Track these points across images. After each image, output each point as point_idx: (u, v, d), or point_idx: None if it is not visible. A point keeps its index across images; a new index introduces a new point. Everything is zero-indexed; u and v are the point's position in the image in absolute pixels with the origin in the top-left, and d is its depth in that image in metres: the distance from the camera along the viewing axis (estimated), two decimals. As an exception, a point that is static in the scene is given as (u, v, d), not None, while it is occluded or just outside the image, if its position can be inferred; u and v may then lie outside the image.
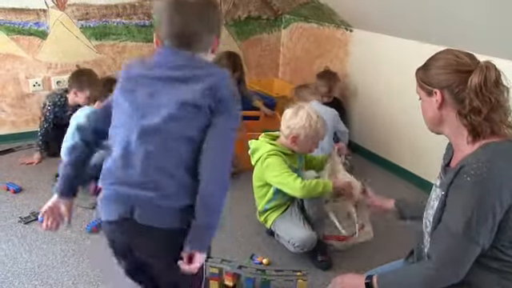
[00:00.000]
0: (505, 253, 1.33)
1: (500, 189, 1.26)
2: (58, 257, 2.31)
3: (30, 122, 3.68)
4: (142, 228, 1.33)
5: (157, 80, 1.36)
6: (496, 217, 1.27)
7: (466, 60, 1.37)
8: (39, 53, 3.53)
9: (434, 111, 1.43)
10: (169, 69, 1.36)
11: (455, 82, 1.36)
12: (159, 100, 1.33)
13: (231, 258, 2.25)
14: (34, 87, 3.59)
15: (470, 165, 1.29)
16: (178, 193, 1.32)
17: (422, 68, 1.47)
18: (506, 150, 1.33)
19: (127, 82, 1.41)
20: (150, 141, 1.32)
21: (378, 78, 3.45)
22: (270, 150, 2.27)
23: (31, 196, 2.86)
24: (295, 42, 4.36)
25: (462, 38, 2.63)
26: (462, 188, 1.30)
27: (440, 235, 1.37)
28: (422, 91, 1.46)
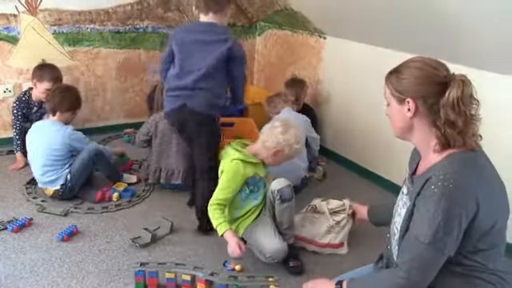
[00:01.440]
0: (468, 258, 1.37)
1: (466, 200, 1.30)
2: (27, 267, 2.27)
3: (0, 129, 3.62)
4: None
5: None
6: (462, 226, 1.31)
7: (442, 71, 1.40)
8: (10, 58, 3.47)
9: (405, 120, 1.45)
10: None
11: (431, 93, 1.38)
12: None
13: (204, 265, 2.25)
14: (4, 93, 3.53)
15: (436, 176, 1.32)
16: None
17: (395, 75, 1.48)
18: (472, 160, 1.36)
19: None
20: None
21: (350, 85, 3.50)
22: (234, 158, 2.28)
23: (0, 204, 2.80)
24: (269, 48, 4.39)
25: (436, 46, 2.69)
26: (429, 199, 1.32)
27: (408, 244, 1.40)
28: (392, 98, 1.48)
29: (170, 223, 2.60)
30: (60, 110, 2.87)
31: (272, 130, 2.32)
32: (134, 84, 4.02)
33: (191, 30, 2.68)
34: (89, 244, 2.47)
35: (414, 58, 1.49)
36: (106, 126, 4.00)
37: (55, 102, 2.88)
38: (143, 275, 2.10)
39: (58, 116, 2.88)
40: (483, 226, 1.33)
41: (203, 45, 2.52)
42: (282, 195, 2.32)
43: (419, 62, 1.44)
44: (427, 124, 1.41)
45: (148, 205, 2.92)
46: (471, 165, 1.35)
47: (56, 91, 2.93)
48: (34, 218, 2.66)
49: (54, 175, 2.81)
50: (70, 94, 2.92)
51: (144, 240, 2.47)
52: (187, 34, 2.59)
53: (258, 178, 2.35)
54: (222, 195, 2.26)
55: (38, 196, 2.91)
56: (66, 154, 2.86)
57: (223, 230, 2.19)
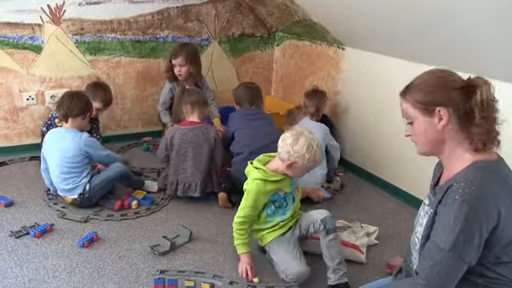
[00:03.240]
0: (490, 269, 1.36)
1: (487, 208, 1.29)
2: (50, 271, 2.30)
3: (23, 136, 3.69)
4: None
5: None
6: (482, 235, 1.30)
7: (459, 77, 1.43)
8: (33, 67, 3.55)
9: (436, 132, 1.43)
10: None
11: (459, 98, 1.39)
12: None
13: (223, 274, 2.26)
14: (27, 101, 3.60)
15: (458, 183, 1.32)
16: None
17: (414, 89, 1.47)
18: (495, 169, 1.36)
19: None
20: None
21: (369, 96, 3.49)
22: (255, 178, 2.29)
23: (22, 210, 2.85)
24: (288, 59, 4.42)
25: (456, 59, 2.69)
26: (451, 206, 1.32)
27: (429, 252, 1.39)
28: (418, 112, 1.46)
29: (189, 231, 2.62)
30: (71, 115, 2.88)
31: (283, 141, 2.27)
32: (153, 93, 4.07)
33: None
34: (109, 250, 2.50)
35: (423, 72, 1.50)
36: (124, 134, 4.05)
37: (64, 108, 2.88)
38: (163, 283, 2.12)
39: (70, 122, 2.89)
40: (505, 236, 1.32)
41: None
42: (326, 224, 2.25)
43: (434, 72, 1.47)
44: (459, 131, 1.41)
45: (167, 213, 2.94)
46: (494, 174, 1.35)
47: (64, 97, 2.94)
48: (55, 224, 2.70)
49: (71, 184, 2.84)
50: (79, 99, 2.92)
51: (163, 248, 2.49)
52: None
53: (282, 194, 2.34)
54: (242, 213, 2.30)
55: (58, 202, 2.95)
56: (82, 160, 2.87)
57: (240, 252, 2.30)
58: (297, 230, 2.40)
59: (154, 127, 4.13)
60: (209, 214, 2.93)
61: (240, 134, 3.12)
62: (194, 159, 3.01)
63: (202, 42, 4.14)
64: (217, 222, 2.85)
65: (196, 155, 3.00)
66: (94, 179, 2.88)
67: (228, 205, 2.98)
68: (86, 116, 2.95)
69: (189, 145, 2.99)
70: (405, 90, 1.52)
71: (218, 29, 4.18)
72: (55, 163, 2.85)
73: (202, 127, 3.04)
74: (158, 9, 3.85)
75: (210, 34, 4.16)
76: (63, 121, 2.94)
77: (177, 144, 3.00)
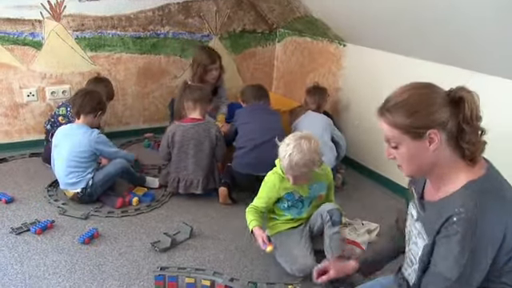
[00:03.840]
0: (495, 281, 1.31)
1: (492, 233, 1.24)
2: (50, 268, 2.30)
3: (24, 132, 3.68)
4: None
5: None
6: (489, 259, 1.26)
7: (441, 90, 1.33)
8: (34, 63, 3.54)
9: (427, 155, 1.33)
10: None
11: (448, 115, 1.29)
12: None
13: (223, 271, 2.26)
14: (27, 97, 3.59)
15: (458, 214, 1.25)
16: None
17: (397, 109, 1.33)
18: (490, 186, 1.29)
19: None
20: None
21: (370, 93, 3.48)
22: (275, 172, 2.32)
23: (23, 207, 2.85)
24: (289, 55, 4.40)
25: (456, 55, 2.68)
26: (453, 238, 1.26)
27: (433, 280, 1.35)
28: (405, 137, 1.34)
29: (190, 228, 2.61)
30: (83, 112, 2.91)
31: (282, 143, 2.24)
32: (154, 89, 4.07)
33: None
34: (109, 247, 2.50)
35: (401, 89, 1.37)
36: (125, 130, 4.04)
37: (77, 105, 2.93)
38: (163, 279, 2.11)
39: (82, 119, 2.92)
40: (509, 249, 1.28)
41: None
42: (332, 215, 2.28)
43: (415, 88, 1.34)
44: (451, 150, 1.32)
45: (167, 209, 2.93)
46: (491, 193, 1.27)
47: (78, 95, 2.99)
48: (56, 221, 2.69)
49: (76, 177, 2.85)
50: (92, 97, 2.95)
51: (164, 244, 2.49)
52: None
53: (297, 196, 2.35)
54: (257, 203, 2.33)
55: (59, 199, 2.95)
56: (91, 156, 2.89)
57: (251, 227, 2.25)
58: (307, 226, 2.42)
59: (155, 123, 4.13)
60: (210, 211, 2.93)
61: (246, 128, 3.10)
62: (195, 156, 3.00)
63: (203, 38, 4.13)
64: (218, 218, 2.85)
65: (197, 152, 2.99)
66: (96, 175, 2.89)
67: (228, 201, 2.98)
68: (97, 114, 2.98)
69: (190, 142, 2.99)
70: (383, 109, 1.37)
71: (219, 25, 4.16)
72: (63, 157, 2.86)
73: (204, 124, 3.03)
74: (158, 5, 3.84)
75: (210, 30, 4.14)
76: (75, 117, 2.97)
77: (178, 141, 2.99)
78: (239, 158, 3.03)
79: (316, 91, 3.51)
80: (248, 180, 2.96)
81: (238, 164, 3.03)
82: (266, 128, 3.06)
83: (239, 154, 3.06)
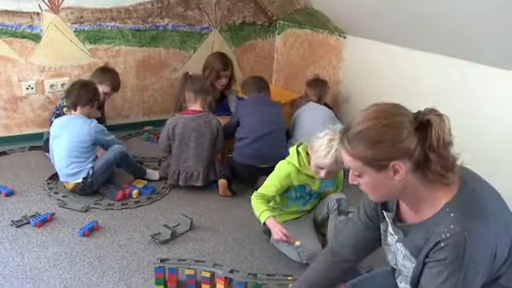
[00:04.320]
0: (491, 285, 1.30)
1: (481, 254, 1.21)
2: (50, 260, 2.30)
3: (23, 126, 3.67)
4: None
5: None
6: (482, 277, 1.24)
7: (407, 115, 1.24)
8: (32, 56, 3.53)
9: (392, 185, 1.27)
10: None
11: (413, 144, 1.21)
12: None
13: (223, 263, 2.26)
14: (26, 90, 3.58)
15: (445, 240, 1.21)
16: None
17: (358, 140, 1.25)
18: (470, 201, 1.25)
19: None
20: None
21: (370, 85, 3.47)
22: (291, 162, 2.28)
23: (23, 199, 2.85)
24: (289, 48, 4.38)
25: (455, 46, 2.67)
26: (443, 262, 1.23)
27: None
28: (367, 168, 1.27)
29: (190, 220, 2.61)
30: (80, 104, 2.91)
31: (319, 146, 2.17)
32: (153, 82, 4.05)
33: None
34: (109, 239, 2.50)
35: (365, 114, 1.27)
36: (125, 123, 4.03)
37: (74, 96, 2.92)
38: (163, 271, 2.11)
39: (79, 110, 2.92)
40: (502, 257, 1.26)
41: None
42: (340, 205, 2.30)
43: (382, 116, 1.24)
44: (417, 178, 1.25)
45: (167, 202, 2.93)
46: (473, 212, 1.23)
47: (74, 87, 2.99)
48: (56, 213, 2.69)
49: (77, 168, 2.84)
50: (88, 89, 2.96)
51: (164, 236, 2.49)
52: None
53: (308, 189, 2.34)
54: (264, 191, 2.28)
55: (59, 191, 2.95)
56: (90, 146, 2.90)
57: (265, 218, 2.19)
58: (312, 214, 2.44)
59: (154, 116, 4.12)
60: (210, 203, 2.93)
61: (248, 119, 3.09)
62: (196, 148, 2.99)
63: (203, 30, 4.11)
64: (218, 210, 2.85)
65: (198, 144, 2.99)
66: (96, 164, 2.90)
67: (228, 193, 2.98)
68: (94, 104, 2.99)
69: (191, 134, 2.98)
70: (343, 137, 1.30)
71: (219, 17, 4.14)
72: (63, 148, 2.86)
73: (204, 116, 3.03)
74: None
75: (210, 22, 4.12)
76: (72, 109, 2.96)
77: (179, 133, 2.99)
78: (241, 149, 3.03)
79: (317, 83, 3.50)
80: (249, 171, 2.96)
81: (239, 155, 3.02)
82: (268, 120, 3.06)
83: (240, 145, 3.05)
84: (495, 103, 2.59)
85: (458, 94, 2.77)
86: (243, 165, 2.99)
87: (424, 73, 2.97)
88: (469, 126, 2.69)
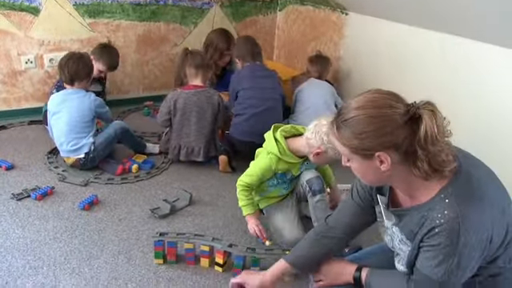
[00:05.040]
0: (488, 267, 1.31)
1: (476, 239, 1.21)
2: (51, 233, 2.32)
3: (22, 100, 3.66)
4: None
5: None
6: (476, 262, 1.25)
7: (400, 107, 1.22)
8: (31, 29, 3.49)
9: (378, 172, 1.27)
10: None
11: (401, 138, 1.20)
12: None
13: (222, 237, 2.28)
14: (26, 64, 3.55)
15: (440, 226, 1.22)
16: None
17: (347, 129, 1.25)
18: (465, 186, 1.25)
19: None
20: None
21: (371, 62, 3.45)
22: (271, 152, 2.22)
23: (23, 173, 2.86)
24: (290, 24, 4.34)
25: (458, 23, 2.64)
26: (437, 247, 1.24)
27: (420, 280, 1.33)
28: (354, 156, 1.28)
29: (189, 195, 2.63)
30: (78, 78, 2.88)
31: (317, 126, 2.10)
32: (153, 57, 4.03)
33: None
34: (109, 213, 2.52)
35: (359, 99, 1.27)
36: (125, 99, 4.02)
37: (72, 71, 2.87)
38: (162, 245, 2.13)
39: (76, 85, 2.89)
40: (498, 240, 1.27)
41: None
42: (311, 186, 2.24)
43: (370, 106, 1.23)
44: (406, 169, 1.25)
45: (167, 177, 2.94)
46: (469, 198, 1.23)
47: (70, 61, 2.90)
48: (56, 187, 2.71)
49: (79, 143, 2.84)
50: (84, 63, 2.92)
51: (163, 211, 2.50)
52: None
53: (289, 175, 2.32)
54: (248, 180, 2.25)
55: (59, 166, 2.96)
56: (91, 120, 2.89)
57: (245, 213, 2.27)
58: (294, 195, 2.42)
59: (154, 92, 4.11)
60: (209, 178, 2.94)
61: (247, 94, 3.05)
62: (197, 123, 2.99)
63: (204, 5, 4.06)
64: (217, 186, 2.86)
65: (200, 119, 2.98)
66: (97, 139, 2.89)
67: (228, 169, 2.98)
68: (90, 79, 2.98)
69: (193, 109, 2.97)
70: (334, 121, 1.29)
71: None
72: (63, 125, 2.85)
73: (206, 91, 3.02)
74: (158, -30, 3.77)
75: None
76: (68, 84, 2.92)
77: (180, 108, 2.98)
78: (238, 126, 3.03)
79: (318, 60, 3.47)
80: (249, 148, 2.94)
81: (237, 131, 3.02)
82: (264, 96, 3.04)
83: (238, 121, 3.05)
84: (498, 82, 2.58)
85: (461, 72, 2.75)
86: (243, 141, 2.98)
87: (425, 50, 2.94)
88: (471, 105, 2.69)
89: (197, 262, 2.16)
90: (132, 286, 2.01)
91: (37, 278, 2.02)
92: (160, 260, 2.15)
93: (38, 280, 2.01)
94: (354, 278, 1.57)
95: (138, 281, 2.04)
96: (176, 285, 2.04)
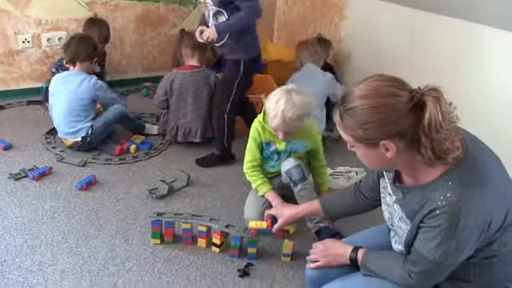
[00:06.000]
0: (484, 250, 1.29)
1: (475, 224, 1.22)
2: (48, 213, 2.33)
3: (20, 80, 3.64)
4: None
5: None
6: (473, 245, 1.26)
7: (404, 94, 1.20)
8: (28, 8, 3.45)
9: (384, 159, 1.27)
10: None
11: (406, 126, 1.20)
12: None
13: (220, 217, 2.29)
14: (23, 44, 3.52)
15: (441, 208, 1.21)
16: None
17: (351, 119, 1.24)
18: (469, 170, 1.24)
19: None
20: None
21: (373, 44, 3.41)
22: (258, 119, 2.24)
23: (21, 153, 2.85)
24: (291, 5, 4.29)
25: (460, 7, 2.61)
26: (437, 229, 1.24)
27: (417, 259, 1.34)
28: (357, 144, 1.28)
29: (187, 176, 2.63)
30: (78, 59, 2.85)
31: (270, 99, 2.12)
32: (152, 37, 3.99)
33: None
34: (107, 194, 2.52)
35: (362, 87, 1.25)
36: (123, 79, 3.99)
37: (72, 52, 2.85)
38: (159, 225, 2.14)
39: (78, 66, 2.87)
40: (497, 224, 1.26)
41: None
42: (291, 177, 2.20)
43: (374, 96, 1.21)
44: (411, 155, 1.24)
45: (165, 157, 2.94)
46: (472, 182, 1.22)
47: (71, 42, 2.90)
48: (54, 167, 2.71)
49: (76, 126, 2.83)
50: (86, 44, 2.89)
51: (161, 191, 2.50)
52: None
53: (273, 147, 2.27)
54: (249, 156, 2.25)
55: (57, 146, 2.95)
56: (89, 104, 2.87)
57: (263, 192, 2.21)
58: (279, 179, 2.35)
59: (153, 72, 4.07)
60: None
61: None
62: (194, 104, 2.98)
63: (203, -15, 4.01)
64: (215, 167, 2.86)
65: (196, 100, 2.97)
66: (95, 123, 2.87)
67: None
68: (93, 60, 2.94)
69: (189, 89, 2.95)
70: (337, 109, 1.29)
71: None
72: (62, 106, 2.84)
73: (202, 71, 3.00)
74: (156, -51, 3.71)
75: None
76: (70, 64, 2.90)
77: (177, 89, 2.96)
78: None
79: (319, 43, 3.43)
80: None
81: None
82: None
83: None
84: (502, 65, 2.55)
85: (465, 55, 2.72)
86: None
87: (427, 33, 2.91)
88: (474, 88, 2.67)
89: (194, 242, 2.16)
90: (129, 265, 2.02)
91: (35, 256, 2.03)
92: (157, 240, 2.16)
93: (36, 258, 2.02)
94: (350, 259, 1.58)
95: (136, 260, 2.05)
96: (173, 265, 2.05)
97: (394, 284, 1.43)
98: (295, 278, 2.03)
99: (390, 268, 1.46)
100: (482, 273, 1.36)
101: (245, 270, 2.03)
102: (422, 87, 1.22)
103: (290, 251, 2.10)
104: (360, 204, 1.73)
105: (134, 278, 1.95)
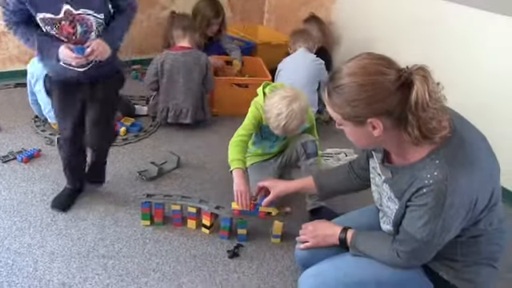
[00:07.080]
0: (470, 229, 1.34)
1: (463, 202, 1.23)
2: (38, 195, 2.32)
3: (7, 62, 3.59)
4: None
5: None
6: (459, 224, 1.28)
7: (392, 72, 1.21)
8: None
9: (371, 137, 1.29)
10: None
11: (393, 104, 1.21)
12: None
13: (209, 199, 2.29)
14: (10, 26, 3.46)
15: (428, 186, 1.23)
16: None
17: (339, 96, 1.25)
18: (456, 150, 1.26)
19: None
20: None
21: (364, 27, 3.41)
22: (257, 101, 2.24)
23: (9, 136, 2.83)
24: (281, -13, 4.26)
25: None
26: (424, 207, 1.26)
27: (405, 239, 1.36)
28: (346, 122, 1.30)
29: (177, 158, 2.62)
30: None
31: (271, 97, 2.14)
32: (142, 19, 3.94)
33: None
34: (96, 176, 2.51)
35: (350, 65, 1.25)
36: (113, 62, 3.95)
37: None
38: (149, 206, 2.14)
39: None
40: (483, 203, 1.29)
41: None
42: (306, 149, 2.24)
43: (361, 73, 1.22)
44: (398, 133, 1.26)
45: (155, 140, 2.93)
46: (458, 158, 1.24)
47: None
48: (43, 150, 2.69)
49: None
50: None
51: (151, 173, 2.50)
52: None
53: (267, 134, 2.30)
54: (243, 130, 2.23)
55: (46, 129, 2.93)
56: None
57: (234, 167, 2.12)
58: (280, 158, 2.40)
59: (143, 55, 4.04)
60: (197, 141, 2.94)
61: None
62: (185, 85, 2.96)
63: (193, -33, 3.96)
64: (205, 149, 2.86)
65: (187, 81, 2.95)
66: None
67: None
68: None
69: (180, 70, 2.94)
70: (326, 86, 1.30)
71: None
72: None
73: (193, 52, 2.99)
74: None
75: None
76: None
77: (168, 69, 2.94)
78: None
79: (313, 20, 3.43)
80: None
81: None
82: None
83: None
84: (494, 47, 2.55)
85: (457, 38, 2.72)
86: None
87: (419, 15, 2.90)
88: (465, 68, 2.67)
89: (184, 223, 2.17)
90: (119, 246, 2.02)
91: (24, 238, 2.03)
92: (147, 221, 2.16)
93: (25, 241, 2.01)
94: (339, 240, 1.60)
95: (125, 242, 2.05)
96: (163, 246, 2.05)
97: (383, 264, 1.46)
98: (285, 258, 2.04)
99: (378, 248, 1.49)
100: (468, 252, 1.38)
101: (234, 251, 2.05)
102: (410, 66, 1.22)
103: (279, 232, 2.11)
104: (352, 183, 1.76)
105: (123, 260, 1.95)
